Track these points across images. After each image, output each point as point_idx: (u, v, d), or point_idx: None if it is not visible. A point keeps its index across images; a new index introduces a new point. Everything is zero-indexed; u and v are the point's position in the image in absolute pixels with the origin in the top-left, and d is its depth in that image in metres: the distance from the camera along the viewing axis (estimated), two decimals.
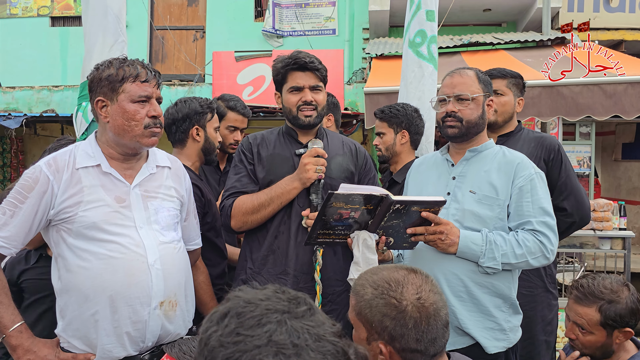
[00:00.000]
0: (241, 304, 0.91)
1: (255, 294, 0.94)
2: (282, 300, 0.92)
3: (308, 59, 2.23)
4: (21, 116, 7.68)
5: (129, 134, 1.86)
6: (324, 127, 2.40)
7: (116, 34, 2.76)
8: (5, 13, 11.08)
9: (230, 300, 0.93)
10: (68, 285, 1.82)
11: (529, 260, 2.00)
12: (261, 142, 2.33)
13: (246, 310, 0.89)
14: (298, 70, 2.24)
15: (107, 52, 2.73)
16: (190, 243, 2.18)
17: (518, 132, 2.79)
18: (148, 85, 1.88)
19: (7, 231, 1.80)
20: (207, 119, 2.56)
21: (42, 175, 1.82)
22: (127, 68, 1.86)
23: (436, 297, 1.35)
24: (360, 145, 2.47)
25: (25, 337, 1.79)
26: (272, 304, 0.90)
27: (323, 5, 10.52)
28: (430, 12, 3.31)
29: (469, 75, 2.14)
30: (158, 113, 1.90)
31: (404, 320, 1.29)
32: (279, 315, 0.88)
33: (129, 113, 1.85)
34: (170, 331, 1.92)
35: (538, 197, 2.04)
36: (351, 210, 1.88)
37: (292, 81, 2.25)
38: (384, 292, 1.33)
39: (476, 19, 10.10)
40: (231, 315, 0.89)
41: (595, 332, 1.99)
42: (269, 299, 0.92)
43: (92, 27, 2.76)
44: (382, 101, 5.60)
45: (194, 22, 11.12)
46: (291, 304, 0.91)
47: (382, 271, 1.40)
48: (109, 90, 1.85)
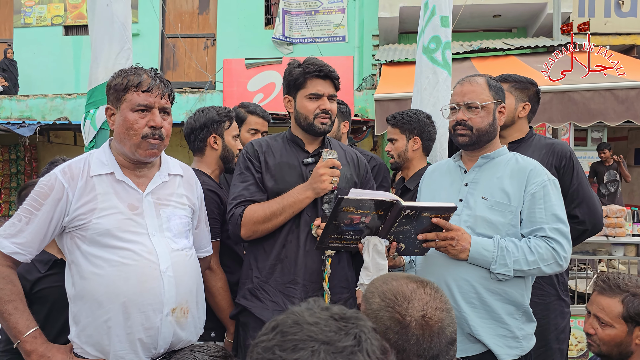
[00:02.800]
0: (289, 322, 0.91)
1: (308, 314, 0.93)
2: (330, 329, 0.90)
3: (331, 68, 2.25)
4: (35, 124, 7.78)
5: (127, 143, 1.87)
6: (327, 136, 2.41)
7: (122, 41, 2.79)
8: (19, 22, 11.25)
9: (285, 314, 0.93)
10: (82, 291, 1.83)
11: (541, 267, 1.98)
12: (267, 150, 2.31)
13: (290, 331, 0.89)
14: (320, 78, 2.23)
15: (114, 60, 2.76)
16: (201, 250, 2.20)
17: (529, 139, 2.77)
18: (150, 95, 1.86)
19: (23, 238, 1.82)
20: (225, 127, 2.59)
21: (57, 183, 1.84)
22: (131, 77, 1.86)
23: (442, 315, 1.32)
24: (361, 155, 2.48)
25: (39, 343, 1.81)
26: (317, 331, 0.89)
27: (333, 13, 10.58)
28: (445, 18, 3.31)
29: (479, 83, 2.14)
30: (157, 124, 1.86)
31: (406, 335, 1.28)
32: (317, 345, 0.87)
33: (128, 122, 1.85)
34: (182, 338, 1.94)
35: (551, 204, 2.03)
36: (362, 215, 1.88)
37: (313, 88, 2.23)
38: (390, 305, 1.32)
39: (486, 25, 10.10)
40: (277, 331, 0.90)
41: (616, 326, 1.97)
42: (318, 324, 0.90)
43: (98, 35, 2.79)
44: (392, 108, 5.60)
45: (205, 30, 11.23)
46: (337, 335, 0.89)
47: (393, 281, 1.38)
48: (115, 99, 1.88)
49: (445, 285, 2.02)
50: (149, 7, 10.53)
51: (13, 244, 1.81)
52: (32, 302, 2.16)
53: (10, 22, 11.43)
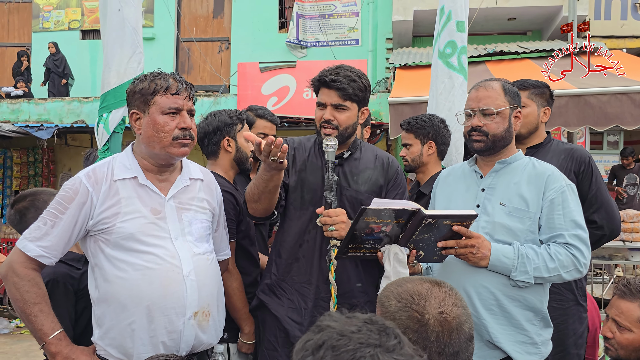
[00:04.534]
0: (335, 336, 0.94)
1: (346, 324, 0.97)
2: (373, 333, 0.95)
3: (331, 77, 2.17)
4: (53, 127, 7.88)
5: (158, 145, 1.90)
6: (359, 139, 2.39)
7: (134, 45, 2.81)
8: (38, 27, 11.42)
9: (323, 331, 0.96)
10: (106, 294, 1.87)
11: (561, 274, 1.98)
12: (298, 147, 2.34)
13: (340, 344, 0.92)
14: (324, 87, 2.22)
15: (125, 64, 2.78)
16: (220, 254, 2.22)
17: (547, 144, 2.76)
18: (178, 98, 1.91)
19: (48, 241, 1.86)
20: (237, 129, 2.61)
21: (82, 187, 1.88)
22: (159, 81, 1.90)
23: (459, 311, 1.34)
24: (394, 160, 2.45)
25: (64, 345, 1.84)
26: (364, 337, 0.93)
27: (346, 16, 10.61)
28: (461, 23, 3.31)
29: (494, 89, 2.12)
30: (187, 125, 1.92)
31: (426, 333, 1.29)
32: (371, 349, 0.91)
33: (159, 125, 1.88)
34: (203, 341, 1.97)
35: (570, 210, 2.02)
36: (382, 225, 1.88)
37: (319, 97, 2.25)
38: (407, 305, 1.33)
39: (501, 28, 10.05)
40: (326, 347, 0.93)
41: (635, 330, 1.96)
42: (360, 331, 0.95)
43: (110, 40, 2.80)
44: (406, 111, 5.60)
45: (219, 33, 11.31)
46: (382, 336, 0.94)
47: (407, 283, 1.40)
48: (142, 103, 1.91)
49: (464, 292, 2.01)
50: (164, 11, 10.64)
51: (39, 247, 1.85)
52: (80, 298, 2.20)
53: (29, 26, 11.60)
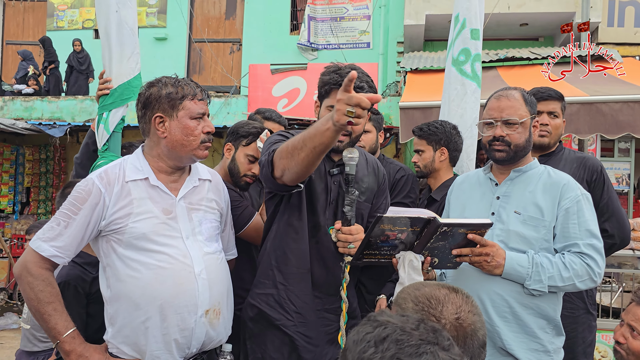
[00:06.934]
0: (398, 331, 0.98)
1: (404, 322, 1.01)
2: (429, 332, 0.99)
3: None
4: (65, 125, 7.94)
5: (186, 148, 1.97)
6: None
7: (132, 46, 2.84)
8: (52, 26, 11.53)
9: (382, 326, 1.00)
10: (118, 293, 1.90)
11: (576, 283, 1.98)
12: None
13: (404, 339, 0.96)
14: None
15: (125, 64, 2.81)
16: (227, 253, 2.25)
17: (559, 152, 2.77)
18: (203, 104, 2.00)
19: (62, 241, 1.89)
20: (242, 142, 2.65)
21: (94, 188, 1.91)
22: (186, 87, 1.97)
23: (475, 318, 1.35)
24: (381, 165, 2.39)
25: (77, 343, 1.87)
26: (424, 335, 0.98)
27: (358, 19, 10.61)
28: (475, 31, 3.31)
29: (516, 98, 2.11)
30: (212, 129, 2.01)
31: None
32: (431, 347, 0.95)
33: (189, 129, 1.95)
34: (213, 338, 2.00)
35: (585, 219, 2.02)
36: (398, 232, 1.89)
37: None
38: (424, 309, 1.34)
39: (513, 34, 10.02)
40: (390, 341, 0.96)
41: None
42: (419, 329, 0.99)
43: (108, 40, 2.83)
44: (417, 116, 5.59)
45: (231, 35, 11.36)
46: (437, 335, 0.99)
47: (425, 287, 1.41)
48: (169, 107, 1.95)
49: (478, 299, 2.02)
50: (177, 12, 10.71)
51: (52, 247, 1.88)
52: (90, 302, 2.25)
53: (43, 25, 11.71)
